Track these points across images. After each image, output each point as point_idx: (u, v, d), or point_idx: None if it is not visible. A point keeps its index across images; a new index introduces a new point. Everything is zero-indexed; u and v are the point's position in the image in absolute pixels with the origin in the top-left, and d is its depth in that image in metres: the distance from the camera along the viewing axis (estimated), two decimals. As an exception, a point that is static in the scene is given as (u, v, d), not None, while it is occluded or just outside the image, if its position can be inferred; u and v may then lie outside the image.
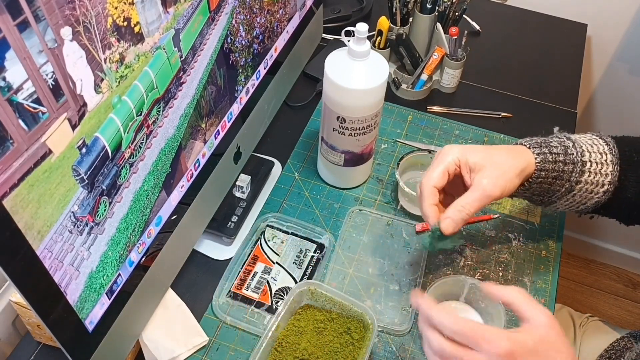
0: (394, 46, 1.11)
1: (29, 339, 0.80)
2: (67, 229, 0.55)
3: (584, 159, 0.75)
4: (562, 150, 0.75)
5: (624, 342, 0.94)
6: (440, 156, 0.73)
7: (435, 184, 0.72)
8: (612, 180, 0.76)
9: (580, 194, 0.76)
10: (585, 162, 0.75)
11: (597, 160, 0.75)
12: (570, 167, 0.74)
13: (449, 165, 0.72)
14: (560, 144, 0.76)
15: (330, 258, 0.89)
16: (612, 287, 1.82)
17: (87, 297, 0.60)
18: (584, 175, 0.75)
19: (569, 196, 0.77)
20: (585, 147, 0.76)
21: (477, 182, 0.70)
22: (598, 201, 0.77)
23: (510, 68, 1.22)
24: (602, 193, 0.76)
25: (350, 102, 0.84)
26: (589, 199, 0.77)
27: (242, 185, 0.93)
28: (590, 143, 0.77)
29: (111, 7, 0.53)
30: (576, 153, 0.75)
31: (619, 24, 1.34)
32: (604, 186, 0.76)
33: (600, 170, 0.75)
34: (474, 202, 0.70)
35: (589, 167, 0.75)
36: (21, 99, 0.46)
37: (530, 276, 0.88)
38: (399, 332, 0.81)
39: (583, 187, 0.75)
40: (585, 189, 0.76)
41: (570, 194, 0.76)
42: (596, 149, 0.76)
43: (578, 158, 0.75)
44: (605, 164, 0.75)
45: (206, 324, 0.82)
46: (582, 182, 0.75)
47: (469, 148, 0.73)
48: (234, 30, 0.78)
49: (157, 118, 0.65)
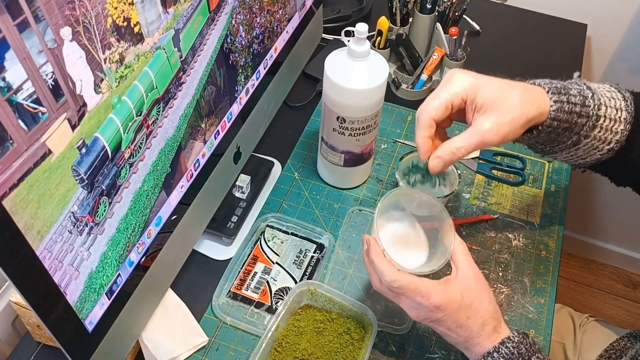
0: (394, 46, 1.11)
1: (29, 339, 0.80)
2: (67, 229, 0.55)
3: (600, 112, 0.70)
4: (580, 100, 0.69)
5: (624, 342, 0.94)
6: (448, 84, 0.67)
7: (434, 116, 0.66)
8: (619, 139, 0.71)
9: (585, 148, 0.72)
10: (600, 117, 0.70)
11: (611, 116, 0.70)
12: (584, 120, 0.69)
13: (454, 97, 0.66)
14: (580, 93, 0.69)
15: (330, 258, 0.89)
16: (612, 287, 1.82)
17: (87, 298, 0.60)
18: (595, 130, 0.70)
19: (573, 149, 0.72)
20: (603, 100, 0.71)
21: (479, 125, 0.65)
22: (599, 158, 0.73)
23: (510, 68, 1.22)
24: (606, 150, 0.72)
25: (350, 102, 0.84)
26: (591, 155, 0.73)
27: (242, 186, 0.93)
28: (609, 96, 0.71)
29: (111, 7, 0.53)
30: (593, 105, 0.69)
31: (618, 24, 1.34)
32: (610, 144, 0.71)
33: (611, 127, 0.70)
34: (469, 146, 0.65)
35: (602, 123, 0.70)
36: (21, 99, 0.46)
37: (530, 276, 0.88)
38: (399, 332, 0.81)
39: (590, 142, 0.71)
40: (592, 144, 0.71)
41: (575, 147, 0.72)
42: (613, 103, 0.71)
43: (594, 111, 0.69)
44: (618, 122, 0.70)
45: (206, 324, 0.82)
46: (591, 137, 0.71)
47: (482, 82, 0.66)
48: (233, 30, 0.78)
49: (157, 118, 0.65)
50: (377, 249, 0.68)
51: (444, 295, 0.65)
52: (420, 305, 0.65)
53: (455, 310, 0.65)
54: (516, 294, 0.86)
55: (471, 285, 0.67)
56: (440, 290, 0.65)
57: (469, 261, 0.68)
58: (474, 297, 0.66)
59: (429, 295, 0.65)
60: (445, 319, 0.65)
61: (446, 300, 0.65)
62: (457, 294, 0.66)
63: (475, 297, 0.66)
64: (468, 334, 0.66)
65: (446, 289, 0.66)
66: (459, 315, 0.65)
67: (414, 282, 0.65)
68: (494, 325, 0.66)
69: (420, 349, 0.80)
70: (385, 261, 0.67)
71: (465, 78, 0.66)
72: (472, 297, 0.66)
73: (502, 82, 0.67)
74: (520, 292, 0.86)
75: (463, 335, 0.66)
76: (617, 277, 1.84)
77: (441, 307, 0.65)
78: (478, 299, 0.66)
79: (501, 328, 0.67)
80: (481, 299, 0.66)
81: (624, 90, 0.73)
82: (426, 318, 0.67)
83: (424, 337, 0.81)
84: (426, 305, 0.65)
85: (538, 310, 0.84)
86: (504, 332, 0.67)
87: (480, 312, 0.66)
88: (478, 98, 0.65)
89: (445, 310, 0.65)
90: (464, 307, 0.65)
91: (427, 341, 0.81)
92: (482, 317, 0.66)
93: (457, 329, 0.66)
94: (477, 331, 0.66)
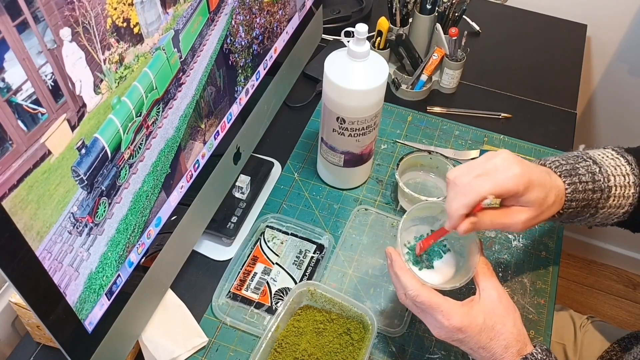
0: (394, 47, 1.11)
1: (29, 340, 0.80)
2: (67, 229, 0.55)
3: (610, 184, 0.73)
4: (590, 178, 0.72)
5: (625, 343, 0.94)
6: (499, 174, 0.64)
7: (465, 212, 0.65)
8: (632, 201, 0.75)
9: (602, 217, 0.76)
10: (611, 188, 0.73)
11: (621, 184, 0.74)
12: (598, 194, 0.73)
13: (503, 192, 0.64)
14: (588, 171, 0.72)
15: (330, 258, 0.89)
16: (612, 287, 1.82)
17: (87, 298, 0.60)
18: (609, 201, 0.74)
19: (591, 219, 0.76)
20: (610, 170, 0.74)
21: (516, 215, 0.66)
22: (616, 221, 0.77)
23: (510, 68, 1.22)
24: (621, 214, 0.75)
25: (350, 103, 0.84)
26: (609, 220, 0.77)
27: (242, 186, 0.93)
28: (614, 165, 0.74)
29: (110, 8, 0.53)
30: (603, 179, 0.72)
31: (618, 25, 1.34)
32: (624, 208, 0.75)
33: (623, 193, 0.74)
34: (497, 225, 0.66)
35: (614, 192, 0.73)
36: (20, 100, 0.46)
37: (530, 277, 0.88)
38: (399, 332, 0.81)
39: (607, 211, 0.75)
40: (608, 212, 0.75)
41: (592, 217, 0.75)
42: (619, 171, 0.74)
43: (605, 184, 0.72)
44: (628, 187, 0.74)
45: (206, 325, 0.81)
46: (607, 206, 0.74)
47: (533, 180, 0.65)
48: (233, 30, 0.78)
49: (157, 119, 0.65)
50: (401, 263, 0.68)
51: (465, 317, 0.65)
52: (442, 325, 0.66)
53: (476, 332, 0.65)
54: (516, 294, 0.86)
55: (495, 307, 0.66)
56: (461, 313, 0.65)
57: (494, 282, 0.68)
58: (497, 320, 0.66)
59: (450, 316, 0.65)
60: (467, 340, 0.66)
61: (467, 323, 0.65)
62: (479, 316, 0.65)
63: (499, 320, 0.66)
64: (490, 355, 0.66)
65: (468, 312, 0.66)
66: (480, 337, 0.65)
67: (437, 300, 0.65)
68: (519, 348, 0.65)
69: (420, 350, 0.80)
70: (410, 275, 0.67)
71: (518, 173, 0.63)
72: (495, 319, 0.66)
73: (544, 178, 0.67)
74: (520, 292, 0.86)
75: (485, 356, 0.66)
76: (617, 278, 1.84)
77: (462, 329, 0.65)
78: (501, 322, 0.66)
79: (526, 350, 0.66)
80: (504, 322, 0.66)
81: (625, 152, 0.76)
82: (447, 337, 0.67)
83: (424, 337, 0.81)
84: (446, 326, 0.65)
85: (538, 311, 0.84)
86: (529, 351, 0.66)
87: (504, 334, 0.65)
88: (525, 198, 0.65)
89: (466, 332, 0.65)
90: (486, 330, 0.65)
91: (427, 342, 0.81)
92: (505, 339, 0.65)
93: (480, 350, 0.66)
94: (501, 353, 0.65)
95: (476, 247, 0.72)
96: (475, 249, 0.72)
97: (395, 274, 0.69)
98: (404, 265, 0.69)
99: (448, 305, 0.66)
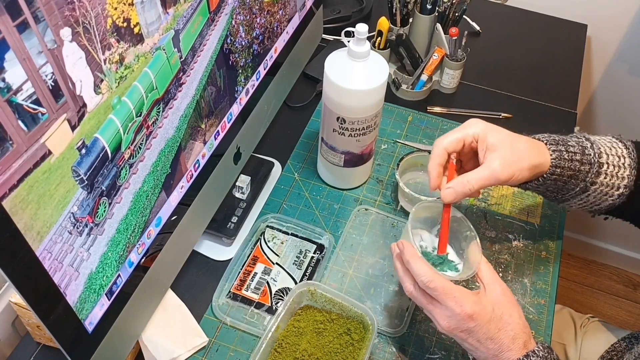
0: (394, 47, 1.11)
1: (29, 340, 0.80)
2: (67, 229, 0.55)
3: (602, 160, 0.75)
4: (579, 149, 0.75)
5: (625, 343, 0.94)
6: (462, 126, 0.74)
7: (446, 146, 0.72)
8: (628, 184, 0.75)
9: (595, 195, 0.76)
10: (603, 164, 0.75)
11: (614, 163, 0.75)
12: (587, 167, 0.74)
13: (466, 136, 0.72)
14: (578, 144, 0.75)
15: (330, 259, 0.89)
16: (612, 287, 1.82)
17: (87, 298, 0.60)
18: (600, 177, 0.75)
19: (583, 196, 0.77)
20: (604, 149, 0.76)
21: (489, 161, 0.70)
22: (612, 203, 0.77)
23: (510, 68, 1.22)
24: (616, 196, 0.76)
25: (350, 103, 0.84)
26: (603, 201, 0.77)
27: (242, 186, 0.93)
28: (609, 145, 0.77)
29: (111, 7, 0.53)
30: (594, 154, 0.75)
31: (618, 25, 1.34)
32: (619, 189, 0.75)
33: (617, 173, 0.75)
34: (480, 179, 0.70)
35: (606, 169, 0.75)
36: (21, 100, 0.46)
37: (530, 277, 0.88)
38: (399, 332, 0.81)
39: (598, 188, 0.75)
40: (600, 190, 0.76)
41: (584, 193, 0.76)
42: (614, 151, 0.76)
43: (595, 159, 0.74)
44: (623, 167, 0.75)
45: (206, 325, 0.81)
46: (598, 183, 0.75)
47: (492, 127, 0.73)
48: (233, 30, 0.78)
49: (157, 119, 0.65)
50: (413, 251, 0.68)
51: (477, 304, 0.65)
52: (453, 313, 0.65)
53: (486, 321, 0.65)
54: (516, 294, 0.86)
55: (501, 299, 0.67)
56: (473, 300, 0.65)
57: (496, 278, 0.69)
58: (504, 311, 0.66)
59: (462, 302, 0.65)
60: (476, 329, 0.65)
61: (478, 310, 0.65)
62: (488, 305, 0.66)
63: (505, 311, 0.66)
64: (498, 347, 0.65)
65: (478, 300, 0.66)
66: (489, 327, 0.65)
67: (450, 286, 0.65)
68: (524, 340, 0.66)
69: (420, 350, 0.80)
70: (422, 262, 0.67)
71: (479, 122, 0.73)
72: (502, 310, 0.66)
73: (509, 132, 0.74)
74: (520, 292, 0.86)
75: (492, 348, 0.66)
76: (617, 278, 1.84)
77: (473, 315, 0.65)
78: (508, 312, 0.66)
79: (530, 344, 0.66)
80: (511, 313, 0.67)
81: (625, 139, 0.78)
82: (457, 327, 0.66)
83: (424, 337, 0.81)
84: (458, 313, 0.65)
85: (538, 311, 0.84)
86: (532, 347, 0.66)
87: (511, 324, 0.66)
88: (489, 138, 0.71)
89: (477, 320, 0.65)
90: (495, 319, 0.66)
91: (427, 342, 0.81)
92: (512, 330, 0.66)
93: (487, 341, 0.66)
94: (508, 344, 0.65)
95: (477, 246, 0.72)
96: (476, 248, 0.72)
97: (407, 262, 0.68)
98: (417, 252, 0.68)
99: (460, 291, 0.66)
